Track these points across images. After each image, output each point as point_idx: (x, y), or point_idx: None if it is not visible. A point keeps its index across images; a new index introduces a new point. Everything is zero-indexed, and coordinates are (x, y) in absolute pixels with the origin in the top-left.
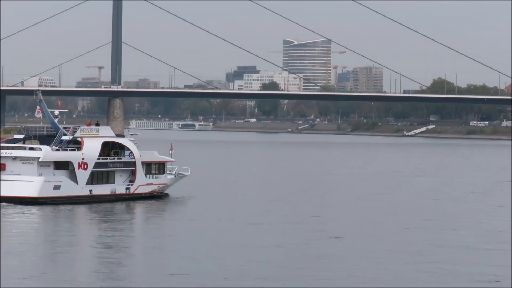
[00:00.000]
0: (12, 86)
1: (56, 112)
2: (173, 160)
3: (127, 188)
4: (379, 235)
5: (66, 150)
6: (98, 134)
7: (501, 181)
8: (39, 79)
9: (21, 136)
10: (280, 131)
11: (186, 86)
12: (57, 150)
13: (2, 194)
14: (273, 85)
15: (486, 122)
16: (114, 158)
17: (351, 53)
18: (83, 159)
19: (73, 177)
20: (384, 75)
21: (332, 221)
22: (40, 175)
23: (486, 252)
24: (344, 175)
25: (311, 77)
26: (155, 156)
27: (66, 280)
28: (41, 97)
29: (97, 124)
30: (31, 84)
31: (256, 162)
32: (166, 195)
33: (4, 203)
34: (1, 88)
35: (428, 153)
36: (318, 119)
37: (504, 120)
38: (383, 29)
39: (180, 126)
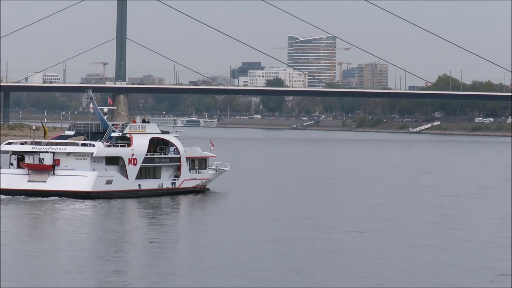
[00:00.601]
0: (16, 82)
1: (105, 109)
2: (214, 156)
3: (172, 183)
4: (411, 230)
5: (117, 146)
6: (145, 131)
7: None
8: (44, 75)
9: (71, 133)
10: (285, 127)
11: (190, 83)
12: (109, 146)
13: (56, 189)
14: (278, 82)
15: (491, 119)
16: (160, 154)
17: (356, 50)
18: (132, 154)
19: (124, 172)
20: (389, 72)
21: (362, 218)
22: (94, 170)
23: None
24: (359, 171)
25: (316, 74)
26: (198, 152)
27: (113, 272)
28: (92, 95)
29: (144, 121)
30: (35, 80)
31: (270, 158)
32: (208, 189)
33: (57, 197)
34: (5, 84)
35: (434, 150)
36: (323, 116)
37: (510, 116)
38: (388, 25)
39: (184, 122)
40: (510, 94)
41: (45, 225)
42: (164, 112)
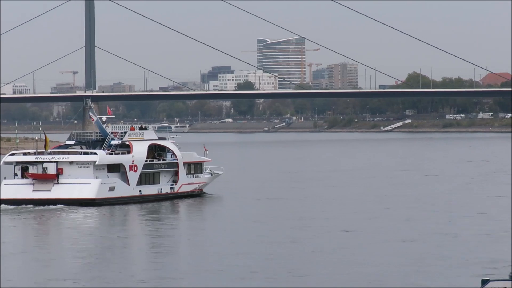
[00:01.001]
0: None
1: (104, 118)
2: (210, 160)
3: (171, 188)
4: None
5: (118, 153)
6: (143, 138)
7: (491, 172)
8: (13, 86)
9: (72, 142)
10: (257, 130)
11: (161, 89)
12: (110, 153)
13: (61, 197)
14: (248, 85)
15: (462, 115)
16: (159, 160)
17: (325, 50)
18: (133, 161)
19: (125, 179)
20: (359, 71)
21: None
22: (97, 178)
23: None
24: (341, 171)
25: (286, 76)
26: (194, 156)
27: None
28: (90, 104)
29: (141, 128)
30: (5, 92)
31: (247, 162)
32: (204, 193)
33: (62, 205)
34: None
35: (407, 148)
36: (294, 118)
37: (480, 112)
38: (356, 25)
39: (156, 129)
40: (480, 90)
41: (52, 232)
42: (135, 119)
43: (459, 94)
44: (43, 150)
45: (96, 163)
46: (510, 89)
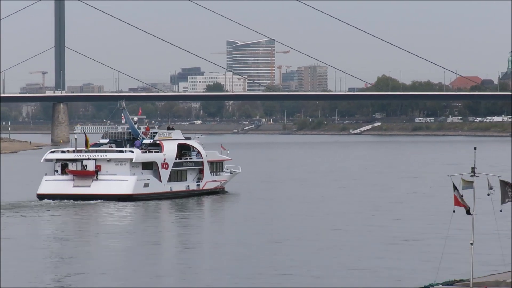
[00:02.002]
0: None
1: (135, 118)
2: (230, 159)
3: (197, 185)
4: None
5: (151, 152)
6: (171, 137)
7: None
8: None
9: (105, 141)
10: (226, 132)
11: (130, 90)
12: (144, 152)
13: (100, 192)
14: (218, 86)
15: (432, 118)
16: (186, 158)
17: (295, 53)
18: (164, 159)
19: (157, 176)
20: (329, 74)
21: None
22: (133, 174)
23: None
24: (325, 172)
25: (256, 78)
26: (216, 155)
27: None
28: (124, 105)
29: (169, 128)
30: None
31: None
32: (225, 190)
33: (101, 200)
34: None
35: (376, 151)
36: (264, 120)
37: (450, 116)
38: (326, 27)
39: (125, 129)
40: (449, 93)
41: (92, 226)
42: (104, 120)
43: (428, 98)
44: (82, 148)
45: (133, 161)
46: (479, 93)
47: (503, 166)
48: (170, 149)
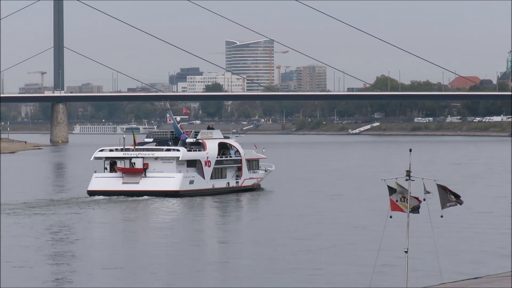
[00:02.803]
0: None
1: (178, 118)
2: (265, 157)
3: (236, 182)
4: None
5: (195, 150)
6: (212, 136)
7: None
8: None
9: (150, 140)
10: (225, 132)
11: (129, 90)
12: (188, 150)
13: (149, 189)
14: (217, 87)
15: (431, 118)
16: (227, 157)
17: (294, 53)
18: (207, 157)
19: (201, 173)
20: (328, 74)
21: None
22: (179, 172)
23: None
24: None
25: (255, 78)
26: (253, 154)
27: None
28: (168, 106)
29: (209, 128)
30: None
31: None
32: (261, 187)
33: (150, 196)
34: None
35: (377, 150)
36: (263, 120)
37: (449, 116)
38: (326, 27)
39: (124, 130)
40: (448, 93)
41: (141, 221)
42: (103, 120)
43: (427, 98)
44: (130, 147)
45: (179, 159)
46: (478, 93)
47: (501, 166)
48: (212, 148)
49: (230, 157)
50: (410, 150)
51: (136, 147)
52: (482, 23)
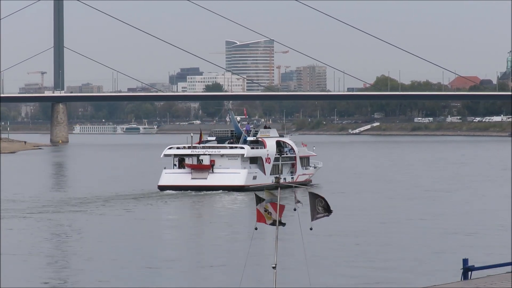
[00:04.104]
0: None
1: (238, 118)
2: (315, 154)
3: (291, 177)
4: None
5: (256, 148)
6: (269, 135)
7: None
8: None
9: (213, 138)
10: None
11: (129, 90)
12: (252, 148)
13: (216, 184)
14: (217, 86)
15: (431, 118)
16: (283, 154)
17: (294, 53)
18: (268, 155)
19: (262, 169)
20: (328, 74)
21: None
22: (244, 168)
23: None
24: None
25: (255, 78)
26: (305, 151)
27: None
28: (230, 106)
29: (265, 127)
30: None
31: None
32: (312, 183)
33: (217, 191)
34: None
35: (379, 150)
36: (263, 119)
37: (449, 115)
38: (326, 27)
39: (124, 130)
40: (448, 93)
41: (209, 215)
42: (103, 120)
43: (427, 98)
44: (196, 145)
45: (244, 156)
46: (478, 93)
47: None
48: (271, 145)
49: (286, 154)
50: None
51: (204, 145)
52: (482, 23)
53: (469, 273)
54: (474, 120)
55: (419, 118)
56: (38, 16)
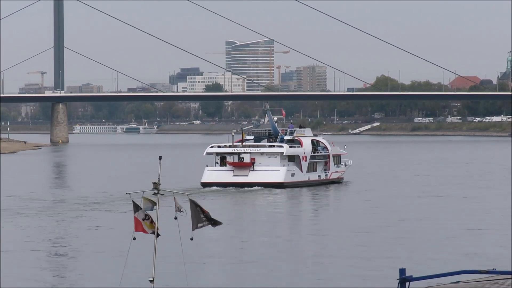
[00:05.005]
0: None
1: (275, 118)
2: (346, 153)
3: (325, 175)
4: None
5: (293, 147)
6: (305, 134)
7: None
8: None
9: (251, 137)
10: (225, 132)
11: (129, 90)
12: (290, 147)
13: (257, 181)
14: (217, 87)
15: (431, 118)
16: (318, 152)
17: (294, 53)
18: (304, 153)
19: (299, 167)
20: (328, 74)
21: None
22: (283, 166)
23: None
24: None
25: (255, 78)
26: (337, 150)
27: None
28: (268, 107)
29: (300, 127)
30: None
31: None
32: (344, 180)
33: (257, 187)
34: None
35: (380, 150)
36: (262, 120)
37: (449, 116)
38: (326, 27)
39: (124, 130)
40: (448, 93)
41: (251, 210)
42: (103, 120)
43: (427, 98)
44: (237, 144)
45: (283, 154)
46: (478, 93)
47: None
48: (307, 144)
49: (320, 152)
50: (160, 158)
51: (244, 144)
52: (482, 23)
53: (407, 284)
54: (474, 120)
55: (419, 118)
56: (38, 16)
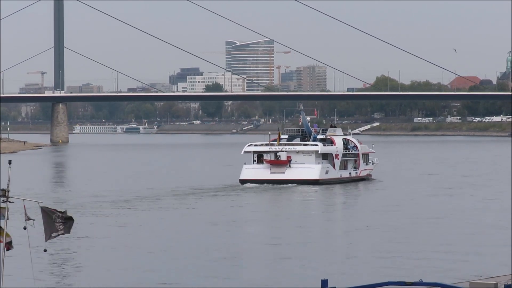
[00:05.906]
0: None
1: (308, 118)
2: (374, 151)
3: (356, 172)
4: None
5: (326, 145)
6: (336, 133)
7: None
8: None
9: (285, 136)
10: (225, 132)
11: (129, 90)
12: (324, 146)
13: (293, 178)
14: (217, 87)
15: (431, 118)
16: (348, 151)
17: (294, 53)
18: (337, 151)
19: (333, 165)
20: (328, 74)
21: None
22: (318, 163)
23: None
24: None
25: (255, 78)
26: (366, 148)
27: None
28: (302, 107)
29: (332, 126)
30: None
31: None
32: (372, 177)
33: (294, 184)
34: None
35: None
36: (263, 120)
37: (449, 116)
38: (326, 28)
39: (124, 130)
40: (448, 93)
41: (286, 207)
42: (103, 120)
43: (427, 98)
44: (273, 142)
45: (318, 152)
46: (478, 93)
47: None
48: (339, 143)
49: (350, 151)
50: (10, 162)
51: (281, 142)
52: (482, 23)
53: None
54: (474, 120)
55: (419, 118)
56: (38, 16)
